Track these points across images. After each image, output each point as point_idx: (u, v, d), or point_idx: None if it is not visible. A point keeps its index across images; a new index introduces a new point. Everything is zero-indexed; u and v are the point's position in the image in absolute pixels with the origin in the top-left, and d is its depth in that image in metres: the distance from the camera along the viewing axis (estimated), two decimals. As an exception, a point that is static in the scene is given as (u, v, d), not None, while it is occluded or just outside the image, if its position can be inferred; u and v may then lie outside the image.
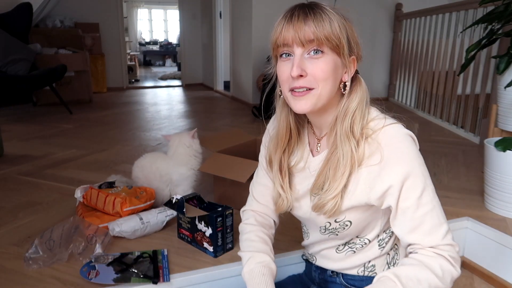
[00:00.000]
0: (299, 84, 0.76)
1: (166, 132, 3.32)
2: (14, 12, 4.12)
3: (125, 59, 6.32)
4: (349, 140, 0.78)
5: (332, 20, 0.75)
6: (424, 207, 0.75)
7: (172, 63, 11.34)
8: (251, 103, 4.53)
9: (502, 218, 1.66)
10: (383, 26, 4.77)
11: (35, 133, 3.25)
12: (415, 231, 0.76)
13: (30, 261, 1.27)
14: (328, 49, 0.75)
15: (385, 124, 0.78)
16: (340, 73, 0.79)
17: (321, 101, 0.78)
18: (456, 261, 0.75)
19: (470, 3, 3.14)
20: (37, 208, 1.77)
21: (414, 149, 0.77)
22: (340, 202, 0.80)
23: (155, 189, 1.66)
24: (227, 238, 1.38)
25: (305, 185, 0.89)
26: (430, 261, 0.74)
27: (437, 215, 0.76)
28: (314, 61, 0.76)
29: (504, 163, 1.61)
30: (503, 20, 1.87)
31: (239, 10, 4.81)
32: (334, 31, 0.74)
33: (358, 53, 0.81)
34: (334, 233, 0.87)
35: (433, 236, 0.75)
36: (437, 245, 0.75)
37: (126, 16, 9.77)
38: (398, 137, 0.77)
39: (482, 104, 3.06)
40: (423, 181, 0.76)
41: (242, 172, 1.59)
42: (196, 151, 1.73)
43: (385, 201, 0.78)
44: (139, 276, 1.21)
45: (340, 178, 0.79)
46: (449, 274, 0.74)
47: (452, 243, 0.76)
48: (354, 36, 0.79)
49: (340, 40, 0.75)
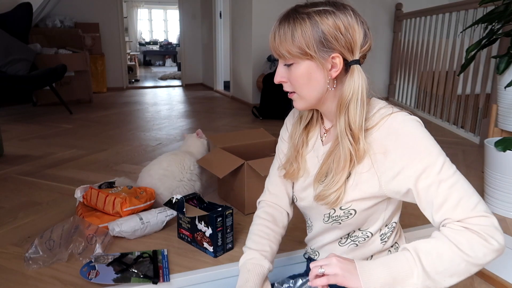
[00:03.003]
0: (285, 89, 0.86)
1: (166, 132, 3.32)
2: (14, 12, 4.12)
3: (125, 59, 6.33)
4: (347, 136, 0.80)
5: (295, 29, 0.77)
6: (447, 181, 0.73)
7: (172, 63, 11.34)
8: (251, 103, 4.53)
9: (502, 218, 1.66)
10: (383, 26, 4.77)
11: (35, 133, 3.25)
12: (442, 208, 0.73)
13: (30, 261, 1.27)
14: (296, 59, 0.80)
15: (393, 112, 0.80)
16: (320, 73, 0.80)
17: (309, 101, 0.85)
18: (490, 233, 0.70)
19: (470, 3, 3.14)
20: (37, 208, 1.77)
21: (423, 131, 0.77)
22: (343, 194, 0.83)
23: (187, 181, 1.75)
24: (227, 238, 1.38)
25: (312, 172, 0.92)
26: (455, 235, 0.71)
27: (463, 187, 0.73)
28: (289, 70, 0.83)
29: (504, 163, 1.61)
30: (503, 20, 1.87)
31: (239, 10, 4.81)
32: (296, 42, 0.78)
33: (348, 46, 0.78)
34: (338, 221, 0.88)
35: (460, 209, 0.72)
36: (466, 217, 0.71)
37: (126, 16, 9.78)
38: (406, 122, 0.78)
39: (482, 104, 3.06)
40: (438, 158, 0.74)
41: (223, 167, 1.68)
42: (205, 145, 1.95)
43: (401, 185, 0.76)
44: (139, 276, 1.21)
45: (341, 172, 0.81)
46: (480, 247, 0.69)
47: (484, 214, 0.71)
48: (334, 32, 0.77)
49: (302, 49, 0.78)
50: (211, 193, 1.97)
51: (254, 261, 0.93)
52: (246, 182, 1.65)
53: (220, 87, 6.18)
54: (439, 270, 0.70)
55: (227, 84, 5.78)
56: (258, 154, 1.80)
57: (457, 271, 0.70)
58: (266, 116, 3.83)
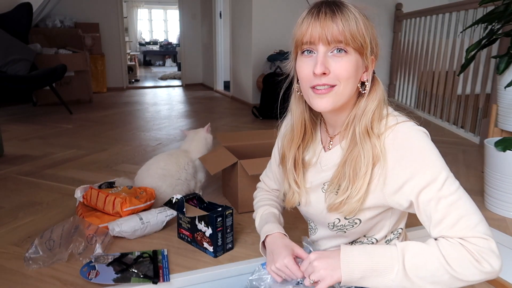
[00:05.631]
0: (322, 81, 0.76)
1: (166, 132, 3.32)
2: (14, 12, 4.12)
3: (125, 59, 6.33)
4: (370, 137, 0.78)
5: (358, 19, 0.75)
6: (447, 198, 0.71)
7: (172, 63, 11.34)
8: (251, 103, 4.53)
9: (502, 218, 1.66)
10: (383, 26, 4.76)
11: (35, 133, 3.25)
12: (439, 224, 0.71)
13: (30, 261, 1.27)
14: (351, 49, 0.76)
15: (398, 122, 0.78)
16: (360, 72, 0.80)
17: (341, 99, 0.78)
18: (485, 255, 0.68)
19: (470, 3, 3.14)
20: (37, 208, 1.77)
21: (428, 143, 0.75)
22: (363, 202, 0.79)
23: (183, 180, 1.76)
24: (227, 238, 1.38)
25: (316, 179, 0.89)
26: (448, 247, 0.69)
27: (464, 205, 0.71)
28: (338, 60, 0.75)
29: (504, 163, 1.61)
30: (503, 20, 1.87)
31: (239, 10, 4.81)
32: (360, 31, 0.75)
33: (377, 53, 0.82)
34: (342, 230, 0.87)
35: (458, 228, 0.70)
36: (464, 236, 0.70)
37: (126, 16, 9.78)
38: (411, 133, 0.76)
39: (482, 104, 3.06)
40: (441, 173, 0.72)
41: (217, 164, 1.72)
42: (208, 143, 1.94)
43: (403, 197, 0.75)
44: (139, 276, 1.21)
45: (363, 177, 0.77)
46: (470, 266, 0.68)
47: (483, 236, 0.69)
48: (375, 37, 0.80)
49: (365, 41, 0.76)
50: (215, 191, 1.98)
51: (268, 211, 1.03)
52: (239, 181, 1.66)
53: (220, 87, 6.18)
54: (420, 275, 0.70)
55: (227, 84, 5.78)
56: (265, 155, 1.80)
57: (441, 281, 0.70)
58: (266, 116, 3.83)
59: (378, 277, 0.72)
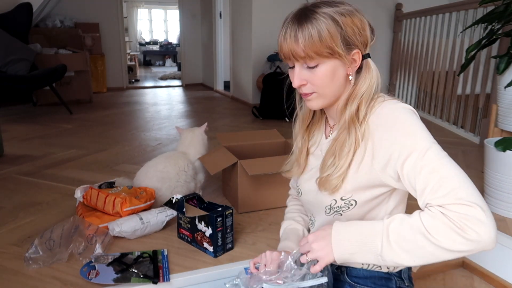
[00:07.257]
0: (303, 91, 0.85)
1: (166, 132, 3.32)
2: (14, 12, 4.12)
3: (125, 59, 6.33)
4: (354, 122, 0.82)
5: (322, 29, 0.77)
6: (428, 166, 0.71)
7: (172, 63, 11.34)
8: (251, 103, 4.53)
9: (502, 218, 1.66)
10: (383, 26, 4.76)
11: (35, 133, 3.25)
12: (423, 194, 0.72)
13: (30, 261, 1.27)
14: (323, 59, 0.79)
15: (385, 99, 0.82)
16: (342, 70, 0.82)
17: (327, 99, 0.85)
18: (469, 222, 0.66)
19: (470, 3, 3.14)
20: (37, 208, 1.77)
21: (412, 117, 0.78)
22: (344, 180, 0.84)
23: (183, 182, 1.75)
24: (227, 238, 1.38)
25: (316, 164, 0.94)
26: (428, 217, 0.70)
27: (447, 173, 0.70)
28: (312, 71, 0.81)
29: (504, 163, 1.61)
30: (503, 20, 1.87)
31: (239, 10, 4.81)
32: (325, 41, 0.77)
33: (364, 41, 0.83)
34: (339, 212, 0.89)
35: (439, 194, 0.69)
36: (444, 204, 0.69)
37: (126, 16, 9.78)
38: (396, 109, 0.79)
39: (482, 104, 3.06)
40: (424, 142, 0.74)
41: (217, 164, 1.72)
42: (205, 143, 1.92)
43: (392, 170, 0.77)
44: (139, 276, 1.21)
45: (345, 156, 0.83)
46: (450, 233, 0.67)
47: (465, 203, 0.67)
48: (354, 29, 0.80)
49: (331, 48, 0.78)
50: (215, 191, 1.98)
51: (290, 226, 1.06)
52: (239, 181, 1.66)
53: (220, 87, 6.18)
54: (406, 247, 0.72)
55: (227, 84, 5.78)
56: (266, 155, 1.80)
57: (428, 252, 0.70)
58: (266, 116, 3.82)
59: (368, 253, 0.76)
